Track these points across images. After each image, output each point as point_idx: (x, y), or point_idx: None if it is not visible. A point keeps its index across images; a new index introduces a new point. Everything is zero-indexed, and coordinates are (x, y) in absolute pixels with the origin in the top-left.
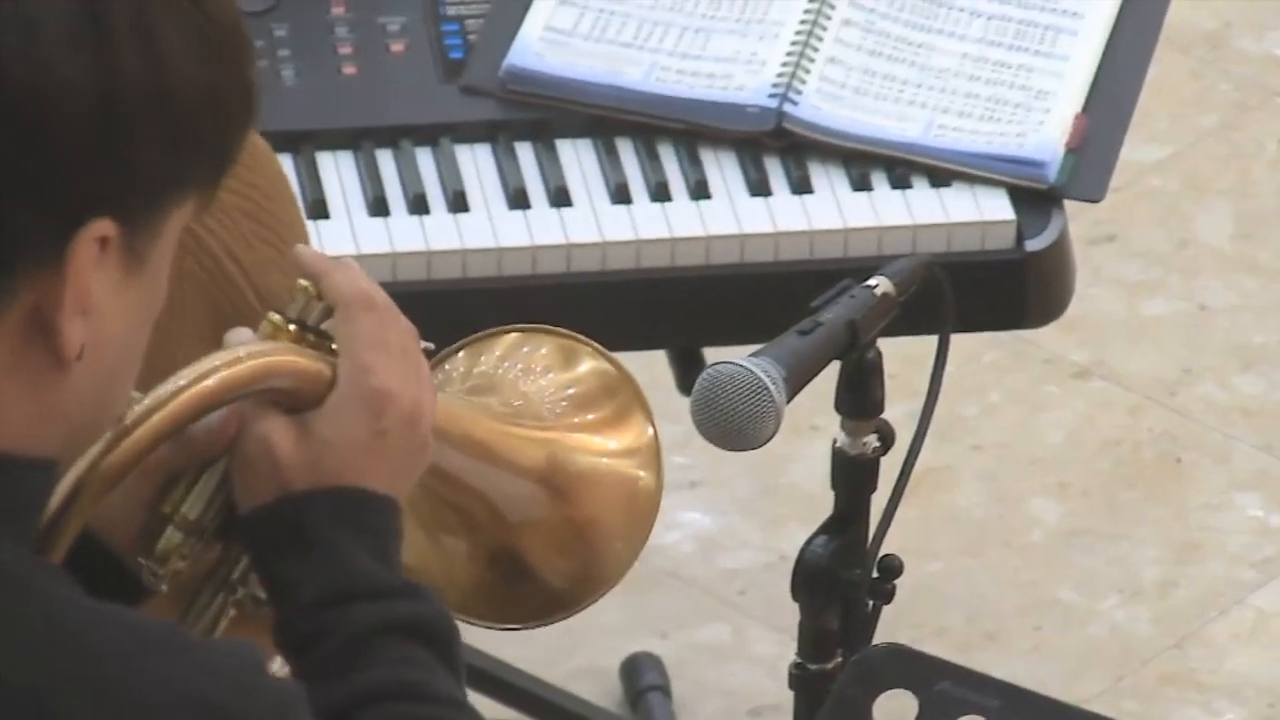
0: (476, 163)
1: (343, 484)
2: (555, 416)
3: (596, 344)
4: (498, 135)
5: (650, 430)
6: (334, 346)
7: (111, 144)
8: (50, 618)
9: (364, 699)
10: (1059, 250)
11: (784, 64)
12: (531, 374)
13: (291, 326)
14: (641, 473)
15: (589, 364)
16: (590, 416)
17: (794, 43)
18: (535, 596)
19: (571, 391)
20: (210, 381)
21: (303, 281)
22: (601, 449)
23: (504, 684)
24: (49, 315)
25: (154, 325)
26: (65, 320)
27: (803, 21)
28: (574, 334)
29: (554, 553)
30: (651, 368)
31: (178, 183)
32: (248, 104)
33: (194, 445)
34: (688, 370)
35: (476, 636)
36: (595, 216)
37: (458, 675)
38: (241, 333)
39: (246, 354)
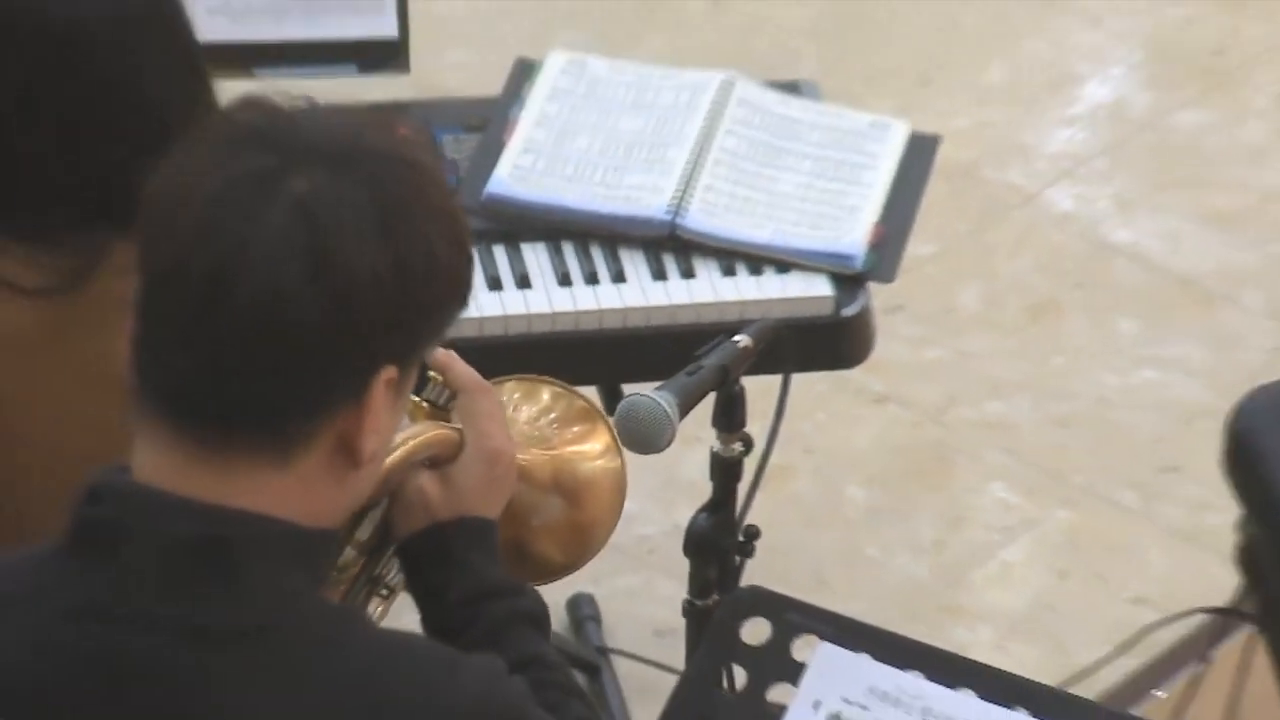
0: None
1: (473, 515)
2: (554, 438)
3: (540, 376)
4: (480, 240)
5: (609, 429)
6: (441, 409)
7: (400, 316)
8: (374, 646)
9: (511, 668)
10: (864, 316)
11: (675, 190)
12: (519, 411)
13: (425, 404)
14: (615, 463)
15: (548, 393)
16: (575, 429)
17: (682, 175)
18: (527, 573)
19: (553, 416)
20: (399, 454)
21: (432, 372)
22: (591, 454)
23: None
24: (351, 436)
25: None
26: (364, 439)
27: (687, 161)
28: (525, 375)
29: (553, 545)
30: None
31: (434, 335)
32: (473, 272)
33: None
34: (612, 399)
35: None
36: (548, 295)
37: (549, 643)
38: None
39: (422, 431)
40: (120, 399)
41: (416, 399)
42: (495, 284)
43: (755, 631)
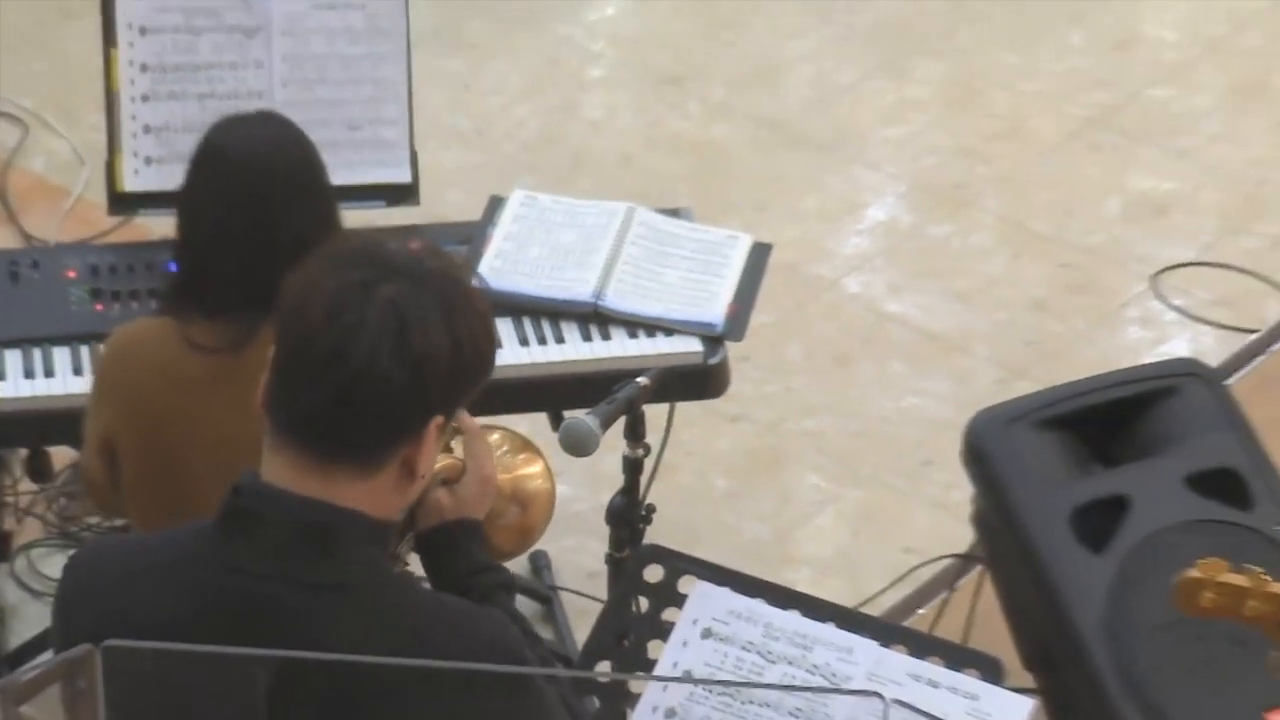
0: None
1: (469, 518)
2: (509, 465)
3: (493, 424)
4: None
5: (543, 459)
6: (452, 447)
7: (452, 382)
8: (424, 600)
9: None
10: (723, 364)
11: (597, 281)
12: None
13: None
14: (549, 485)
15: (498, 434)
16: (521, 458)
17: (602, 271)
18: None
19: (505, 449)
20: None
21: None
22: (534, 476)
23: None
24: (411, 460)
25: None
26: (420, 463)
27: (605, 262)
28: (485, 426)
29: (508, 539)
30: (539, 420)
31: (471, 395)
32: (496, 352)
33: None
34: (557, 420)
35: None
36: (514, 353)
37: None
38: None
39: (442, 460)
40: (256, 425)
41: None
42: None
43: (653, 574)
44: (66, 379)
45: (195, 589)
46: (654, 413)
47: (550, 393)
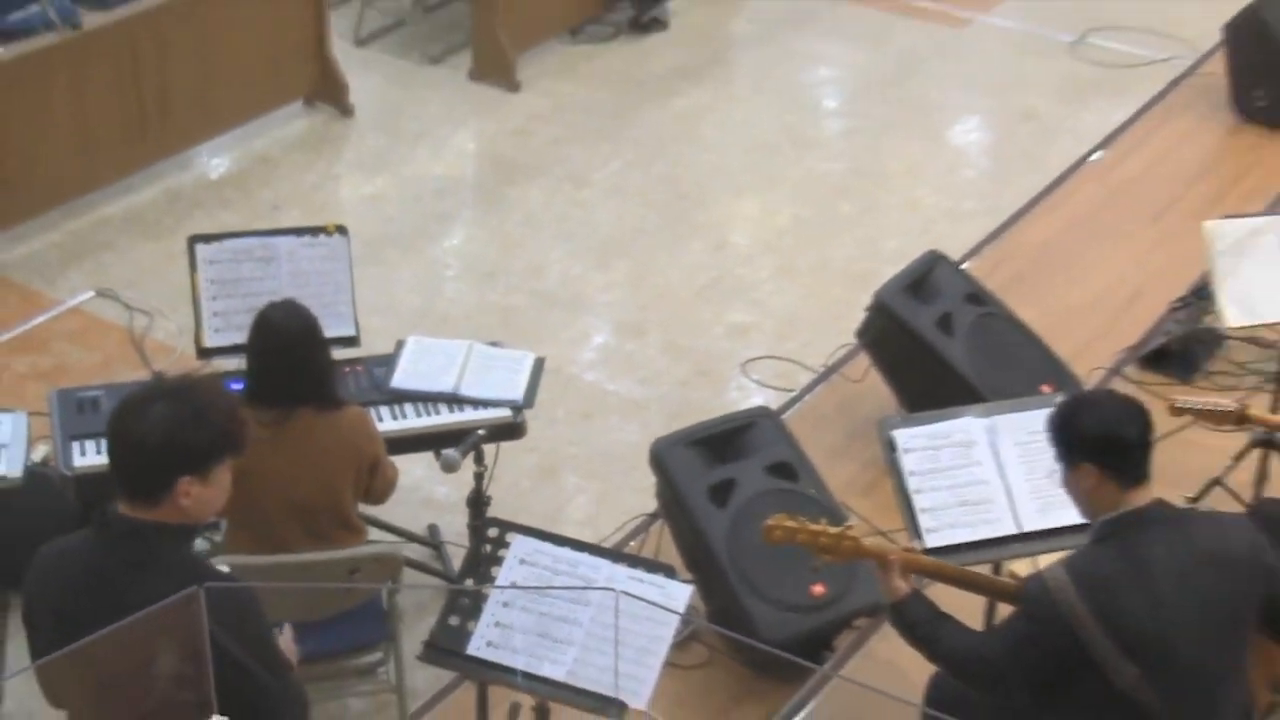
0: (380, 411)
1: None
2: None
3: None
4: (389, 402)
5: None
6: None
7: (193, 455)
8: (196, 565)
9: None
10: (523, 421)
11: (455, 379)
12: None
13: None
14: None
15: None
16: None
17: (457, 371)
18: None
19: None
20: None
21: None
22: None
23: (381, 525)
24: (178, 496)
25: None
26: (179, 499)
27: (459, 367)
28: None
29: None
30: (427, 455)
31: (216, 461)
32: (236, 434)
33: None
34: (437, 453)
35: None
36: (414, 420)
37: None
38: None
39: None
40: (295, 468)
41: None
42: (394, 415)
43: (493, 532)
44: None
45: (80, 560)
46: (489, 448)
47: (433, 439)
